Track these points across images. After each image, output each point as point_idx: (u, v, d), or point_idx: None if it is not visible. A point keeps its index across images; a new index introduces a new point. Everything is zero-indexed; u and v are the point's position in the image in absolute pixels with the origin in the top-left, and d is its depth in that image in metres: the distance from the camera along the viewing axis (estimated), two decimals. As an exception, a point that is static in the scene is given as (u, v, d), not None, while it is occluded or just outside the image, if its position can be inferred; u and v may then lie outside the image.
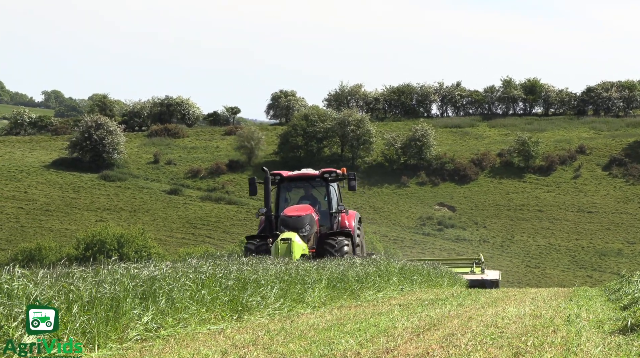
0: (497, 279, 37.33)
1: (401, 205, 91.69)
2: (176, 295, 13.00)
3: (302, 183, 29.53)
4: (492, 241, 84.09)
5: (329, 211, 28.68)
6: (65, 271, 11.73)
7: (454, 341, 10.54)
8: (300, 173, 29.79)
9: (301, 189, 29.52)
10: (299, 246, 25.16)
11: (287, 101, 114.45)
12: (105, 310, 10.99)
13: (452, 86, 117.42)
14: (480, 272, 37.79)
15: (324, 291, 18.60)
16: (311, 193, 29.28)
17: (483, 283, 35.90)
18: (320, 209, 28.62)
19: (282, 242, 25.03)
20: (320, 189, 29.17)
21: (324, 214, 28.55)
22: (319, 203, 28.98)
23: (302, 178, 29.53)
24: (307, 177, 29.45)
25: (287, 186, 29.45)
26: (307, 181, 29.46)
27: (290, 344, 10.67)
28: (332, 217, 28.64)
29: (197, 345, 10.88)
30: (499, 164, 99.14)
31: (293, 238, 25.15)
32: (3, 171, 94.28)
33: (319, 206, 28.83)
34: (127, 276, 12.16)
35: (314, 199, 29.09)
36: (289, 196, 29.34)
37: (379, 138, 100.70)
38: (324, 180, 29.00)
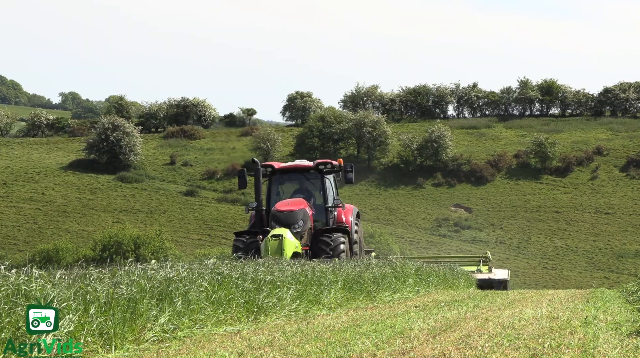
0: (506, 279, 35.40)
1: (417, 206, 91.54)
2: (192, 296, 13.02)
3: (296, 175, 27.62)
4: (509, 243, 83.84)
5: (324, 206, 26.82)
6: (83, 272, 11.77)
7: (471, 343, 10.52)
8: (293, 164, 27.91)
9: (295, 182, 27.71)
10: (291, 244, 23.73)
11: (303, 102, 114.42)
12: (122, 311, 11.01)
13: (469, 87, 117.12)
14: (487, 271, 35.97)
15: (340, 292, 18.60)
16: (305, 186, 27.46)
17: (491, 283, 34.23)
18: (315, 204, 26.90)
19: (273, 239, 23.55)
20: (315, 182, 27.25)
21: (319, 208, 26.78)
22: (313, 196, 27.19)
23: (295, 169, 27.60)
24: (301, 169, 27.52)
25: (280, 179, 27.51)
26: (301, 173, 27.54)
27: (307, 345, 10.67)
28: (327, 212, 26.74)
29: (214, 347, 10.90)
30: (515, 166, 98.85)
31: (285, 234, 23.68)
32: (21, 172, 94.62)
33: (314, 200, 27.08)
34: (143, 278, 12.19)
35: (308, 192, 27.30)
36: (281, 190, 27.49)
37: (395, 139, 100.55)
38: (318, 172, 27.05)
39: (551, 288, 55.41)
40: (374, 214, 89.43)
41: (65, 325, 9.76)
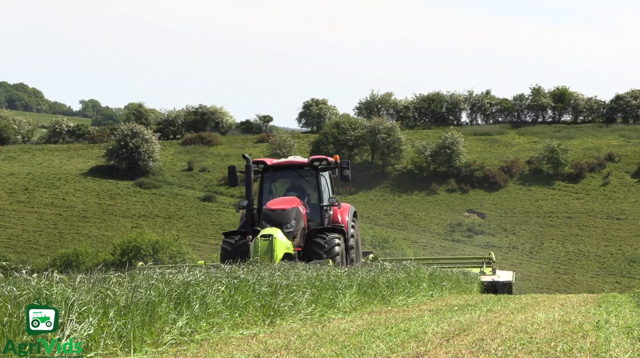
0: (510, 281, 33.16)
1: (431, 212, 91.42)
2: (210, 300, 13.03)
3: (289, 172, 25.97)
4: (521, 248, 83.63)
5: (319, 204, 25.23)
6: (102, 276, 11.80)
7: (484, 346, 10.50)
8: (287, 160, 26.48)
9: (288, 180, 26.05)
10: (282, 244, 22.21)
11: (318, 109, 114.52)
12: (141, 314, 11.04)
13: (482, 94, 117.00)
14: (490, 273, 33.61)
15: (354, 296, 18.58)
16: (299, 184, 25.79)
17: (494, 285, 32.12)
18: (310, 202, 25.29)
19: (263, 239, 21.95)
20: (310, 179, 25.62)
21: (313, 207, 25.20)
22: (308, 194, 25.55)
23: (288, 166, 26.00)
24: (294, 165, 25.93)
25: (272, 176, 25.92)
26: (295, 170, 25.89)
27: (322, 349, 10.66)
28: (322, 211, 25.12)
29: (231, 350, 10.91)
30: (528, 172, 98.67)
31: (275, 234, 22.11)
32: (42, 178, 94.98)
33: (308, 198, 25.45)
34: (162, 282, 12.21)
35: (302, 190, 25.63)
36: (274, 187, 25.91)
37: (409, 145, 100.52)
38: (313, 169, 25.48)
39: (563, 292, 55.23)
40: (389, 220, 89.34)
41: (85, 328, 9.79)
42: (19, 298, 9.42)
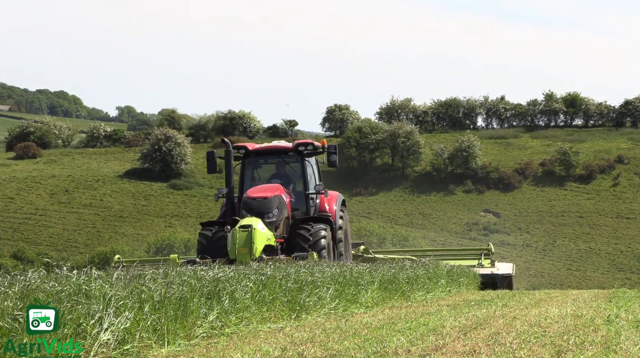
0: (510, 274, 29.54)
1: (449, 212, 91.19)
2: (239, 295, 13.05)
3: (273, 157, 23.40)
4: (535, 246, 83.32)
5: (304, 192, 22.72)
6: (138, 273, 11.84)
7: (500, 339, 10.46)
8: (270, 145, 23.71)
9: (273, 166, 23.54)
10: (263, 236, 19.89)
11: (341, 114, 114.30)
12: (174, 309, 11.07)
13: (497, 100, 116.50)
14: (489, 265, 29.93)
15: (376, 292, 18.56)
16: (284, 171, 23.19)
17: (494, 279, 28.66)
18: (295, 190, 22.85)
19: (242, 230, 19.70)
20: (295, 165, 23.03)
21: (299, 196, 22.73)
22: (293, 182, 23.04)
23: (272, 151, 23.38)
24: (278, 151, 23.29)
25: (254, 162, 23.25)
26: (278, 155, 23.27)
27: (345, 342, 10.65)
28: (308, 199, 22.58)
29: (259, 342, 10.92)
30: (541, 173, 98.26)
31: (255, 225, 19.82)
32: (81, 180, 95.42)
33: (294, 186, 22.96)
34: (193, 278, 12.24)
35: (287, 177, 23.10)
36: (257, 174, 23.32)
37: (428, 148, 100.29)
38: (298, 154, 22.89)
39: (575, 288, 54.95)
40: (408, 219, 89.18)
41: (122, 322, 9.82)
42: (60, 294, 9.47)
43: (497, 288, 27.80)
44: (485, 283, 28.26)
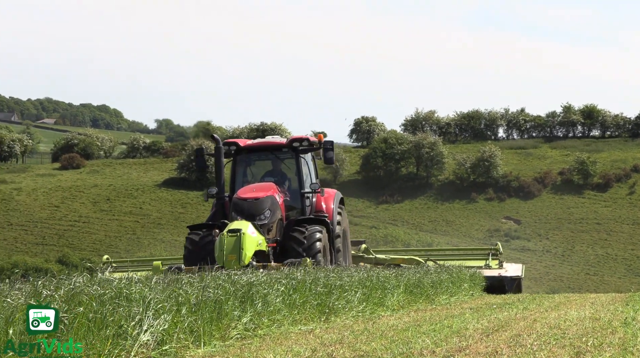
0: (519, 276, 26.07)
1: (471, 219, 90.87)
2: (271, 298, 13.07)
3: (266, 154, 21.10)
4: (554, 251, 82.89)
5: (300, 191, 20.49)
6: (175, 277, 11.88)
7: (521, 341, 10.40)
8: (262, 141, 21.36)
9: (268, 163, 21.26)
10: (253, 241, 17.68)
11: (368, 126, 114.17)
12: (210, 311, 11.10)
13: (517, 112, 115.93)
14: (497, 266, 26.53)
15: (402, 296, 18.52)
16: (279, 168, 20.98)
17: (502, 282, 25.40)
18: (291, 189, 20.67)
19: (230, 235, 17.46)
20: (290, 162, 20.85)
21: (295, 194, 20.52)
22: (288, 180, 20.83)
23: (264, 148, 21.04)
24: (271, 147, 20.96)
25: (246, 159, 21.01)
26: (272, 152, 20.94)
27: (373, 343, 10.64)
28: (303, 198, 20.34)
29: (290, 344, 10.92)
30: (560, 182, 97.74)
31: (244, 229, 17.61)
32: (122, 189, 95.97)
33: (289, 184, 20.76)
34: (228, 282, 12.27)
35: (282, 175, 20.89)
36: (250, 172, 21.05)
37: (451, 158, 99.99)
38: (292, 150, 20.67)
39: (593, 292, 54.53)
40: (432, 226, 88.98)
41: (160, 324, 9.86)
42: (103, 297, 9.52)
43: (505, 291, 24.94)
44: (492, 286, 25.13)
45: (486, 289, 24.72)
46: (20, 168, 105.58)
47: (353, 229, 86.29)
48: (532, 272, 78.10)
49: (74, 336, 8.61)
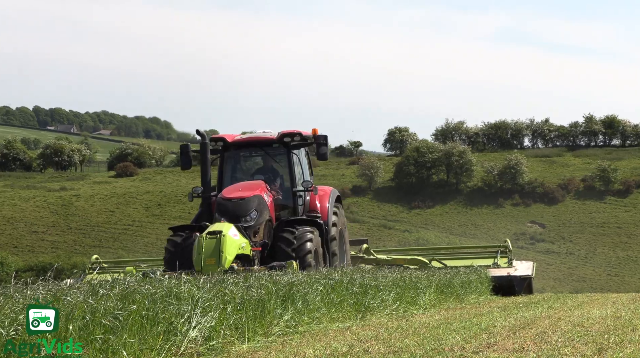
0: (529, 275, 22.71)
1: (498, 223, 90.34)
2: (310, 297, 13.06)
3: (255, 150, 18.83)
4: (577, 254, 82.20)
5: (291, 189, 18.23)
6: (221, 277, 11.93)
7: (546, 338, 10.31)
8: (252, 136, 18.85)
9: (256, 160, 19.16)
10: (234, 244, 15.44)
11: (401, 136, 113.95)
12: (253, 309, 11.12)
13: (542, 122, 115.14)
14: (506, 265, 23.38)
15: (433, 295, 18.43)
16: (270, 165, 18.73)
17: (510, 282, 22.17)
18: (284, 187, 18.42)
19: (209, 237, 15.30)
20: (281, 158, 18.58)
21: (288, 193, 18.27)
22: (281, 177, 18.58)
23: (253, 143, 18.68)
24: (261, 142, 18.58)
25: (235, 156, 18.81)
26: (261, 147, 18.63)
27: (406, 339, 10.59)
28: (295, 197, 18.10)
29: (328, 340, 10.91)
30: (582, 188, 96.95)
31: (225, 231, 15.40)
32: (172, 195, 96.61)
33: (281, 182, 18.51)
34: (270, 282, 12.29)
35: (274, 172, 18.66)
36: (240, 169, 18.94)
37: (479, 166, 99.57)
38: (284, 146, 18.32)
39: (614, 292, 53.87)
40: (462, 230, 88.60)
41: (208, 321, 9.90)
42: (154, 295, 9.58)
43: (515, 293, 22.01)
44: (500, 286, 22.12)
45: (494, 290, 21.97)
46: (79, 176, 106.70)
47: (387, 233, 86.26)
48: (556, 273, 77.44)
49: (128, 332, 8.67)
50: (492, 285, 21.98)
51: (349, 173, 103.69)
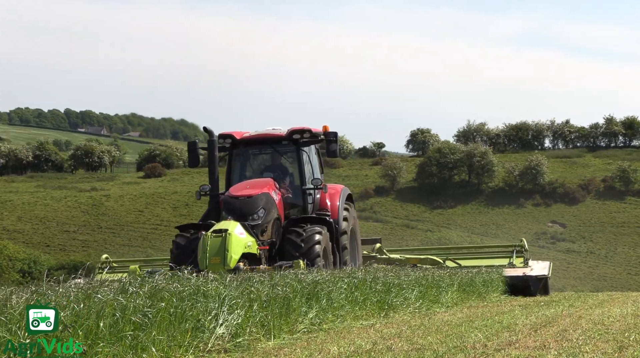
0: (545, 275, 21.62)
1: (520, 223, 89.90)
2: (334, 296, 13.06)
3: (264, 147, 18.09)
4: (598, 253, 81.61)
5: (301, 187, 17.54)
6: (247, 276, 11.96)
7: (567, 336, 10.25)
8: (260, 133, 17.99)
9: (267, 157, 18.30)
10: (240, 242, 14.87)
11: (423, 137, 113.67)
12: (279, 307, 11.13)
13: (562, 123, 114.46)
14: (522, 264, 22.43)
15: (455, 293, 18.36)
16: (279, 162, 18.02)
17: (526, 282, 21.23)
18: (294, 185, 17.76)
19: (214, 235, 14.78)
20: (291, 156, 17.91)
21: (298, 191, 17.61)
22: (290, 175, 17.89)
23: (262, 140, 17.90)
24: (270, 139, 17.83)
25: (244, 153, 18.03)
26: (270, 144, 17.89)
27: (429, 337, 10.57)
28: (304, 196, 17.41)
29: (352, 337, 10.90)
30: (602, 189, 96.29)
31: (231, 229, 14.86)
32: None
33: (291, 180, 17.81)
34: (295, 281, 12.30)
35: (284, 170, 17.96)
36: (249, 167, 18.20)
37: (500, 167, 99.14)
38: (293, 143, 17.63)
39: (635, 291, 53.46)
40: (483, 229, 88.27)
41: (234, 318, 9.93)
42: (182, 293, 9.62)
43: (531, 293, 21.12)
44: (515, 286, 21.25)
45: (510, 290, 21.21)
46: (109, 177, 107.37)
47: (410, 232, 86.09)
48: (577, 272, 76.94)
49: (157, 329, 8.70)
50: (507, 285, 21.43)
51: (372, 174, 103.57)
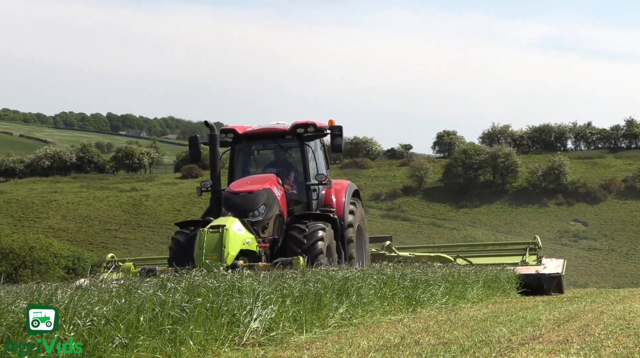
0: (559, 273, 20.43)
1: (543, 221, 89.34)
2: (364, 291, 13.06)
3: (267, 142, 17.00)
4: (619, 251, 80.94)
5: (305, 183, 16.47)
6: (280, 272, 11.98)
7: (589, 331, 10.16)
8: (263, 127, 16.92)
9: (271, 152, 17.23)
10: (238, 239, 13.96)
11: (449, 139, 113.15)
12: (311, 302, 11.15)
13: (584, 125, 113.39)
14: (535, 262, 21.22)
15: (481, 290, 18.28)
16: (283, 158, 16.93)
17: (539, 280, 20.07)
18: (298, 181, 16.67)
19: (211, 231, 13.85)
20: (295, 151, 16.78)
21: (302, 187, 16.55)
22: (294, 171, 16.76)
23: (265, 135, 16.83)
24: (273, 134, 16.76)
25: (246, 148, 17.00)
26: (273, 139, 16.81)
27: (455, 331, 10.53)
28: (309, 191, 16.33)
29: (381, 331, 10.89)
30: (623, 188, 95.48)
31: (229, 225, 13.90)
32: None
33: (296, 175, 16.71)
34: (326, 277, 12.31)
35: (288, 165, 16.86)
36: (253, 162, 17.16)
37: (524, 167, 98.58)
38: (297, 137, 16.51)
39: (656, 288, 52.89)
40: (507, 228, 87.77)
41: (268, 313, 9.96)
42: (218, 289, 9.66)
43: (544, 292, 20.05)
44: (529, 285, 20.06)
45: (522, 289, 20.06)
46: (148, 178, 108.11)
47: (436, 231, 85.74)
48: (598, 269, 76.26)
49: (194, 323, 8.77)
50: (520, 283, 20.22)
51: (399, 174, 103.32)
